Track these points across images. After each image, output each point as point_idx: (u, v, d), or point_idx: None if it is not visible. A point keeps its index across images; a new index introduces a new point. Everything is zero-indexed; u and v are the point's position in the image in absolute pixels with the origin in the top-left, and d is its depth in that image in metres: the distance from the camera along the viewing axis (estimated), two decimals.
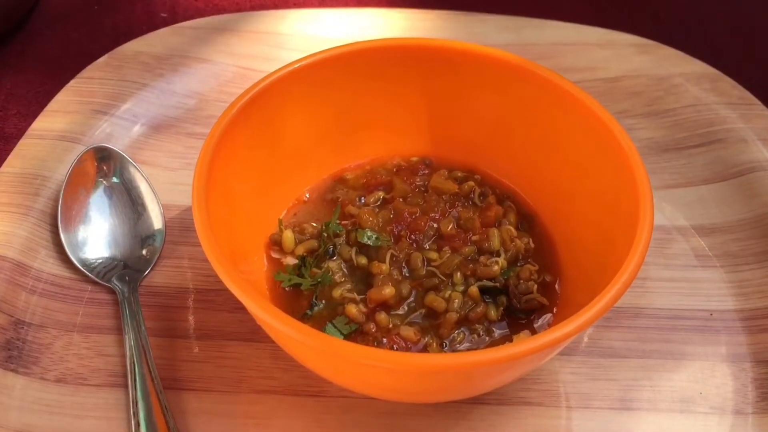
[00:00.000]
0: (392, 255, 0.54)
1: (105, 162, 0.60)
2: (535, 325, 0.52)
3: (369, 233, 0.55)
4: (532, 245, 0.56)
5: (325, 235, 0.55)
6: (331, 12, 0.78)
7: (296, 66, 0.56)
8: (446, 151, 0.62)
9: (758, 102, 0.69)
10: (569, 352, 0.54)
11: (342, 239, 0.56)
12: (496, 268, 0.53)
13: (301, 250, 0.55)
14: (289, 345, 0.46)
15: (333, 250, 0.55)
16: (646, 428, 0.51)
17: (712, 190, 0.64)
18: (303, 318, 0.52)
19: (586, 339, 0.55)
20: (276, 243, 0.56)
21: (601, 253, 0.50)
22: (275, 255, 0.56)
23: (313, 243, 0.56)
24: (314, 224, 0.57)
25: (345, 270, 0.54)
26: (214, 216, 0.47)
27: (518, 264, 0.55)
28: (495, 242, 0.55)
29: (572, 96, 0.54)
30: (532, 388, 0.53)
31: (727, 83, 0.70)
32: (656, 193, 0.51)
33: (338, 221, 0.56)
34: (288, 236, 0.55)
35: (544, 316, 0.53)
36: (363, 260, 0.54)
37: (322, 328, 0.51)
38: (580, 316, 0.42)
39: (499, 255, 0.54)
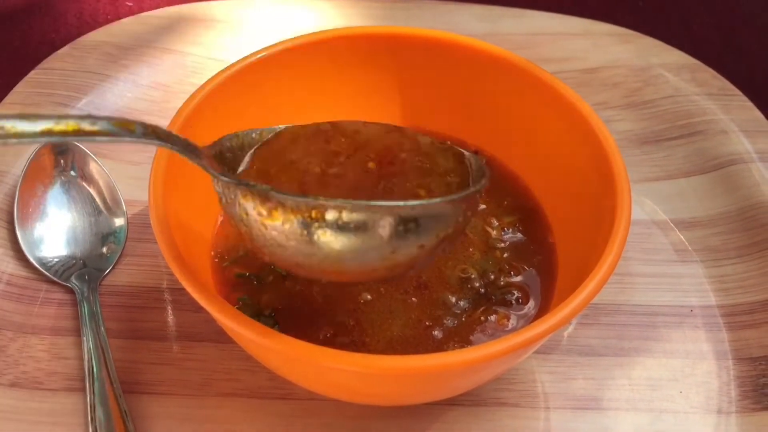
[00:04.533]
0: None
1: (63, 156, 0.58)
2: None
3: None
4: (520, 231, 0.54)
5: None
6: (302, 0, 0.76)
7: (262, 55, 0.54)
8: None
9: (739, 93, 0.67)
10: (546, 350, 0.53)
11: None
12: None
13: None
14: (252, 349, 0.44)
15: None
16: (626, 428, 0.50)
17: (693, 183, 0.62)
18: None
19: (564, 337, 0.54)
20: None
21: (584, 247, 0.49)
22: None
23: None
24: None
25: None
26: (172, 213, 0.45)
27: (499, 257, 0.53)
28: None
29: (549, 87, 0.53)
30: (508, 388, 0.51)
31: (708, 74, 0.69)
32: (635, 187, 0.50)
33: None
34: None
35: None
36: None
37: None
38: (554, 315, 0.40)
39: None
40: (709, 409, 0.51)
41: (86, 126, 0.33)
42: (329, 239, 0.38)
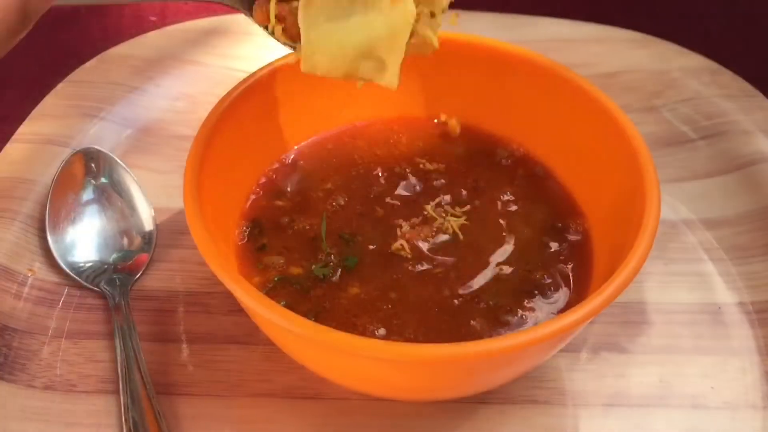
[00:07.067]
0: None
1: (94, 163, 0.59)
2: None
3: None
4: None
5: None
6: None
7: (285, 62, 0.55)
8: None
9: (759, 93, 0.68)
10: (575, 348, 0.53)
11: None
12: None
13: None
14: (285, 340, 0.44)
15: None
16: (658, 425, 0.49)
17: (717, 183, 0.62)
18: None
19: (593, 335, 0.54)
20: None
21: (617, 244, 0.49)
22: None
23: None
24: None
25: None
26: (206, 211, 0.46)
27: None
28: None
29: (579, 87, 0.54)
30: (538, 386, 0.51)
31: (728, 76, 0.70)
32: (661, 187, 0.50)
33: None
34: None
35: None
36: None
37: None
38: (579, 309, 0.40)
39: None
40: (741, 404, 0.50)
41: None
42: None
